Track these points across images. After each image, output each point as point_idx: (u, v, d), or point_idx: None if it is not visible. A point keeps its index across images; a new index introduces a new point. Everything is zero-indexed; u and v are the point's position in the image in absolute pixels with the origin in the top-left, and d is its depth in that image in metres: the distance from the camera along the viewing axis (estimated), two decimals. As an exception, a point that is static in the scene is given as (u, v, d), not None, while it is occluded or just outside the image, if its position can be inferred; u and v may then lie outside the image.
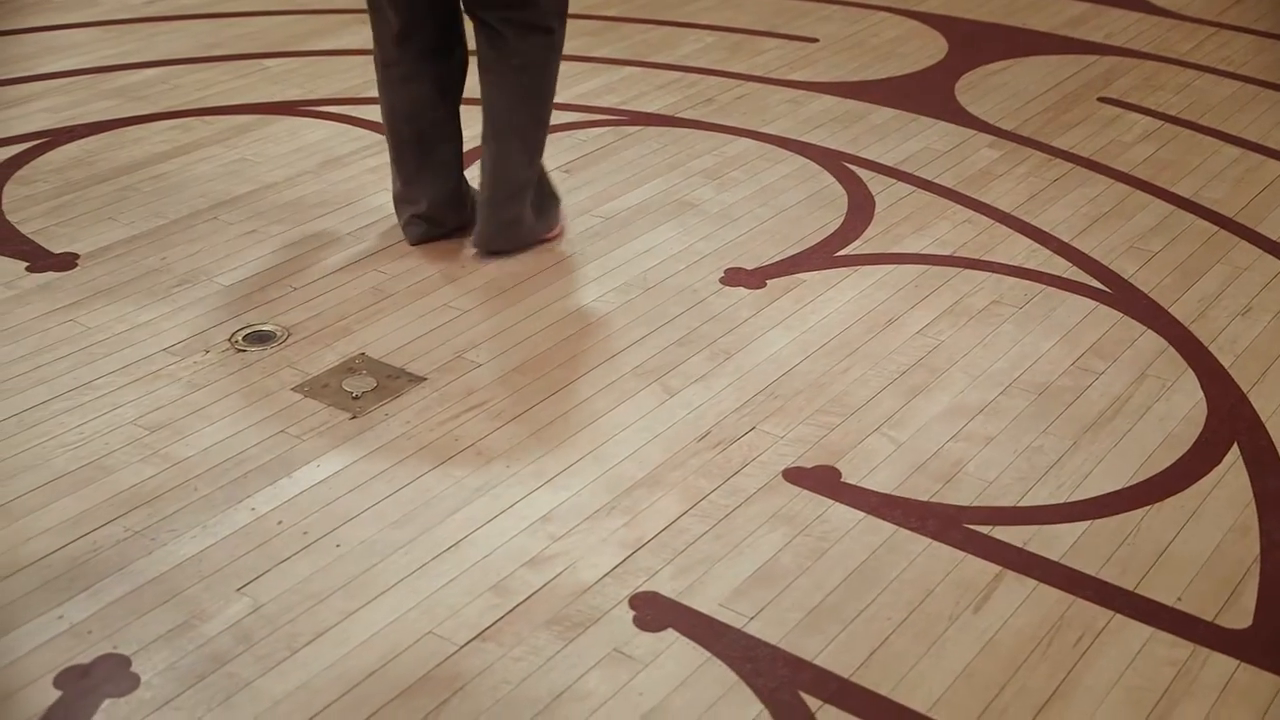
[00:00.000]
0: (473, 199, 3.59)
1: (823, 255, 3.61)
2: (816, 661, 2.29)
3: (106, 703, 2.17)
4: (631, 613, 2.39)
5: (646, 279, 3.47)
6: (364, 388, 3.00)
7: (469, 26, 3.44)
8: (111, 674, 2.23)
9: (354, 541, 2.53)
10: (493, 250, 3.49)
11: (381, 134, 4.23)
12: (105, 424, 2.84)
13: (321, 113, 4.45)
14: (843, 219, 3.81)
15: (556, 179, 3.76)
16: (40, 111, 4.40)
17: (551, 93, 3.44)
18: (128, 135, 4.26)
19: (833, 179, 4.05)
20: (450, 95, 3.45)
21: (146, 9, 5.39)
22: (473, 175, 3.65)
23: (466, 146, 3.60)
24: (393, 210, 3.75)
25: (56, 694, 2.18)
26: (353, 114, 4.44)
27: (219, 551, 2.50)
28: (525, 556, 2.51)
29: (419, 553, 2.51)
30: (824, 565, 2.49)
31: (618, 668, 2.26)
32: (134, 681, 2.21)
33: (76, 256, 3.51)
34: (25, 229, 3.64)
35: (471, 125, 3.55)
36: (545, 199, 3.57)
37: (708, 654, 2.30)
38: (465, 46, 3.46)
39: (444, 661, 2.27)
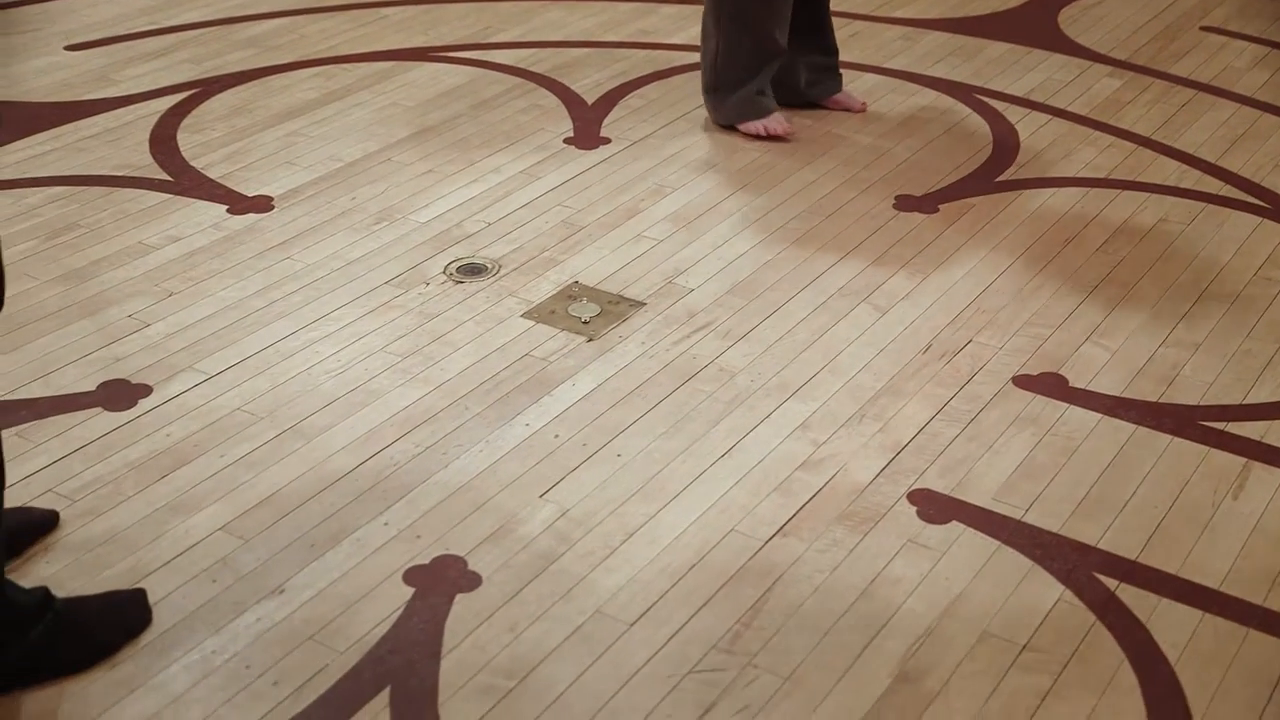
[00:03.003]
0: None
1: (984, 181, 3.78)
2: (1100, 546, 2.47)
3: (459, 597, 2.33)
4: (913, 508, 2.56)
5: (823, 207, 3.63)
6: (590, 313, 3.16)
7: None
8: (454, 572, 2.39)
9: (633, 451, 2.69)
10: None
11: (520, 77, 4.37)
12: (358, 351, 2.99)
13: (453, 58, 4.57)
14: (991, 147, 3.98)
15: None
16: (183, 63, 4.51)
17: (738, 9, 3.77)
18: (274, 84, 4.38)
19: (969, 110, 4.21)
20: None
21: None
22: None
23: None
24: (556, 151, 3.91)
25: (410, 590, 2.34)
26: (485, 59, 4.56)
27: (510, 463, 2.66)
28: (797, 460, 2.68)
29: (697, 460, 2.68)
30: (1078, 462, 2.67)
31: (917, 557, 2.44)
32: (476, 579, 2.37)
33: (270, 199, 3.64)
34: (212, 174, 3.76)
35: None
36: (742, 101, 4.01)
37: (996, 542, 2.47)
38: None
39: (755, 555, 2.44)
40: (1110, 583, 2.36)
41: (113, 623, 2.16)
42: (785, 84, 4.08)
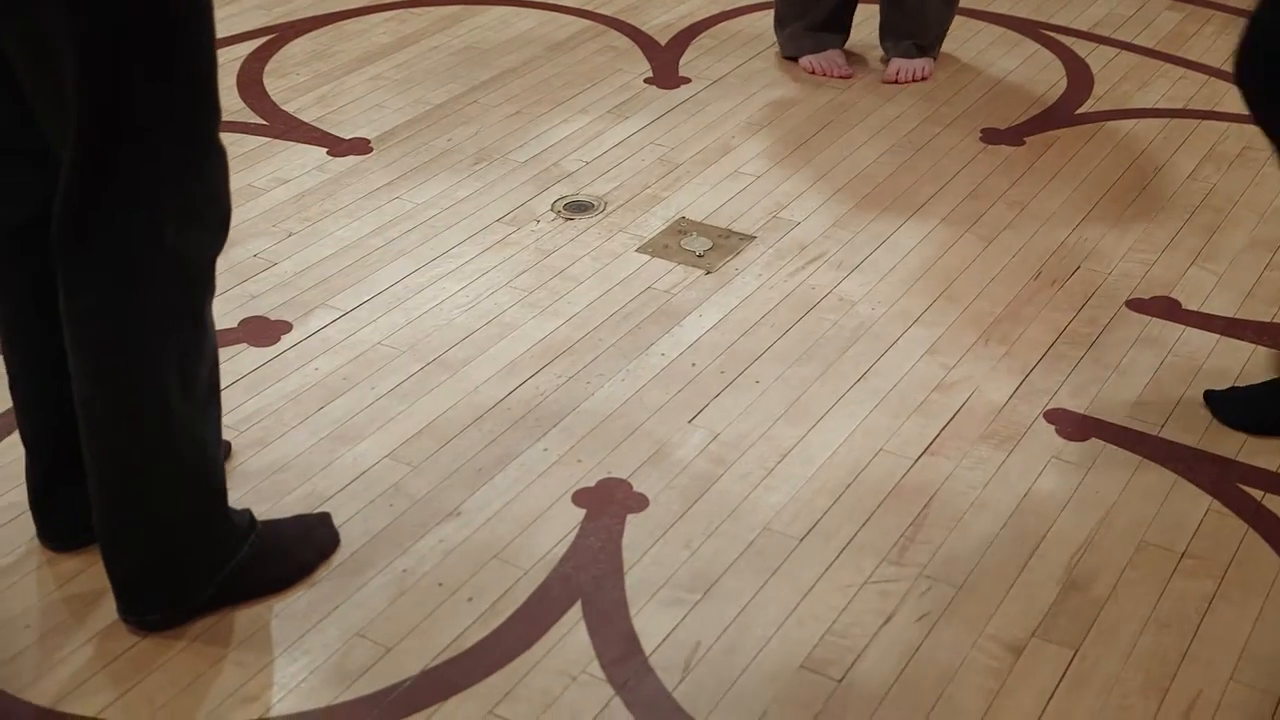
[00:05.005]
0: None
1: (1065, 114, 3.86)
2: (1239, 459, 2.56)
3: (630, 517, 2.41)
4: (1051, 426, 2.65)
5: (911, 141, 3.71)
6: (703, 247, 3.23)
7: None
8: (620, 494, 2.47)
9: (769, 378, 2.78)
10: None
11: (592, 20, 4.42)
12: (484, 287, 3.06)
13: (520, 1, 4.62)
14: (1065, 81, 4.05)
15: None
16: (254, 9, 4.56)
17: None
18: (348, 28, 4.42)
19: (1038, 45, 4.29)
20: None
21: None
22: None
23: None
24: (639, 91, 3.97)
25: (582, 511, 2.42)
26: (551, 1, 4.61)
27: (653, 391, 2.74)
28: (931, 383, 2.76)
29: (833, 385, 2.76)
30: (1205, 379, 2.77)
31: (1064, 472, 2.53)
32: (643, 500, 2.45)
33: (368, 141, 3.70)
34: (305, 118, 3.82)
35: None
36: (797, 34, 4.16)
37: (1138, 457, 2.56)
38: None
39: (907, 473, 2.53)
40: (1255, 493, 2.45)
41: (307, 543, 2.24)
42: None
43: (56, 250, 1.82)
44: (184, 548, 2.04)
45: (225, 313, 2.92)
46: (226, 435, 2.54)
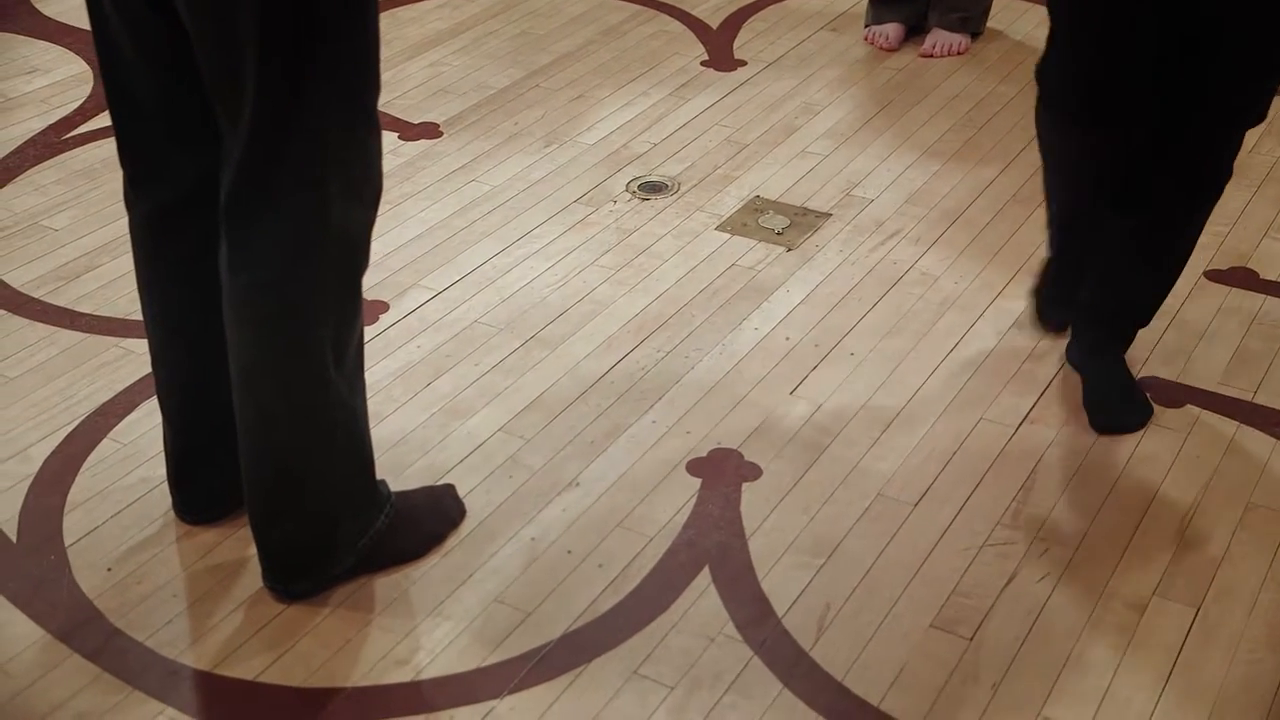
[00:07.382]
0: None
1: (1122, 92, 3.89)
2: (1334, 423, 2.61)
3: (745, 485, 2.47)
4: (1145, 393, 2.70)
5: (973, 119, 3.76)
6: (781, 224, 3.28)
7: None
8: (732, 463, 2.52)
9: (864, 350, 2.84)
10: None
11: (642, 5, 4.47)
12: (571, 266, 3.11)
13: (569, -13, 4.66)
14: (1119, 60, 4.08)
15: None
16: (307, -2, 4.58)
17: None
18: (402, 15, 4.47)
19: (1087, 25, 4.32)
20: None
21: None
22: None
23: None
24: (697, 73, 4.02)
25: (697, 480, 2.48)
26: (601, -13, 4.65)
27: (750, 364, 2.79)
28: (1022, 354, 2.82)
29: (927, 356, 2.82)
30: (1291, 347, 2.81)
31: (1163, 437, 2.59)
32: (756, 469, 2.51)
33: (437, 125, 3.74)
34: (372, 103, 3.85)
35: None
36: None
37: (1235, 423, 2.62)
38: None
39: (1009, 441, 2.59)
40: (1352, 457, 2.50)
41: (437, 514, 2.29)
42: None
43: (224, 227, 1.86)
44: (334, 517, 2.09)
45: (322, 293, 2.95)
46: (341, 411, 2.57)
